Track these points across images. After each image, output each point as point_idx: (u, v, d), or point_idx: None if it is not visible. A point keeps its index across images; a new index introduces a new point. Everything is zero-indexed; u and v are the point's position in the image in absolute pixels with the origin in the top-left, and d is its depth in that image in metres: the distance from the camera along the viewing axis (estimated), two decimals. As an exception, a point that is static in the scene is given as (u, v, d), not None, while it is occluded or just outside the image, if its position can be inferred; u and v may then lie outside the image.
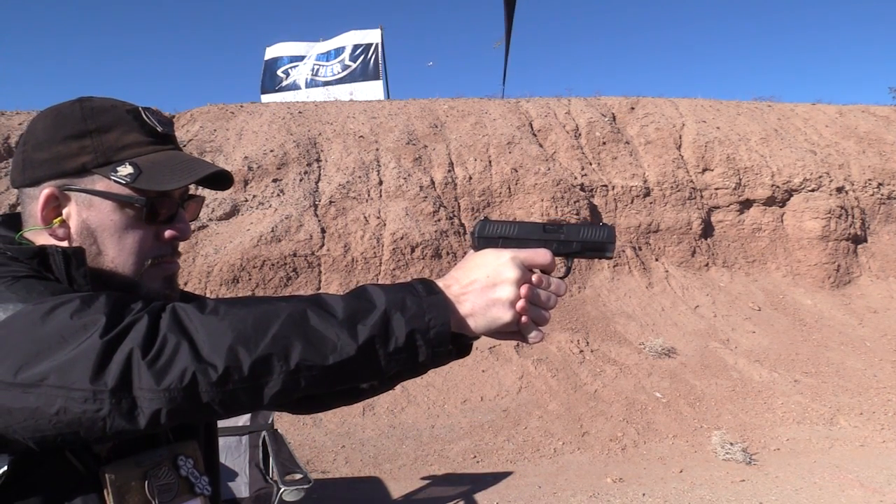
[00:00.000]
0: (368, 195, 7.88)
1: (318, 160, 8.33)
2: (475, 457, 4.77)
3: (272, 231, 7.00)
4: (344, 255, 7.11)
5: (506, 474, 4.52)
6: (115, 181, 0.75)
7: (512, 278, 0.71)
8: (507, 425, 5.25)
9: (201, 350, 0.58)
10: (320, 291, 0.81)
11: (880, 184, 9.70)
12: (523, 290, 0.73)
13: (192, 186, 0.83)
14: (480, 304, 0.71)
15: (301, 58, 12.88)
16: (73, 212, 0.76)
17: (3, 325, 0.60)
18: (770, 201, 9.24)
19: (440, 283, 0.72)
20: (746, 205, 9.27)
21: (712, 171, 9.36)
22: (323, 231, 7.29)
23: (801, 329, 7.59)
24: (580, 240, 0.80)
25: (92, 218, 0.76)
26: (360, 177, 8.06)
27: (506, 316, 0.71)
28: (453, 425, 5.18)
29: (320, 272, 6.99)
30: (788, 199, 9.34)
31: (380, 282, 6.46)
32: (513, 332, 0.75)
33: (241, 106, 9.57)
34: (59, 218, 0.76)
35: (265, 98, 12.09)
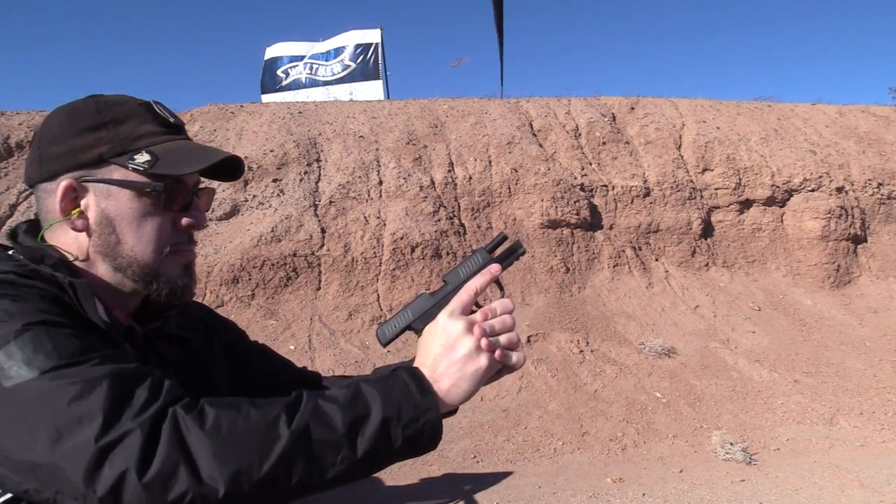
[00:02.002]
0: (368, 195, 7.88)
1: (318, 160, 8.33)
2: (475, 457, 4.77)
3: (272, 231, 7.00)
4: (344, 255, 7.11)
5: (506, 474, 4.52)
6: (132, 169, 0.77)
7: (461, 330, 0.75)
8: (507, 425, 5.25)
9: (202, 472, 0.59)
10: (320, 378, 0.81)
11: (880, 184, 9.70)
12: (477, 331, 0.76)
13: (202, 179, 0.88)
14: (454, 371, 0.74)
15: (301, 58, 12.87)
16: (91, 202, 0.78)
17: (5, 395, 0.59)
18: (770, 201, 9.24)
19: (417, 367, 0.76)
20: (746, 205, 9.27)
21: (712, 171, 9.36)
22: (323, 231, 7.29)
23: (801, 329, 7.59)
24: (465, 278, 0.81)
25: (110, 207, 0.78)
26: (360, 177, 8.06)
27: (482, 363, 0.75)
28: (453, 425, 5.18)
29: (320, 272, 6.99)
30: (788, 199, 9.34)
31: (380, 282, 6.43)
32: (498, 370, 0.80)
33: (241, 106, 9.56)
34: (77, 209, 0.78)
35: (265, 98, 12.09)
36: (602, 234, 8.43)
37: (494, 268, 0.81)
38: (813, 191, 9.30)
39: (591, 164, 9.22)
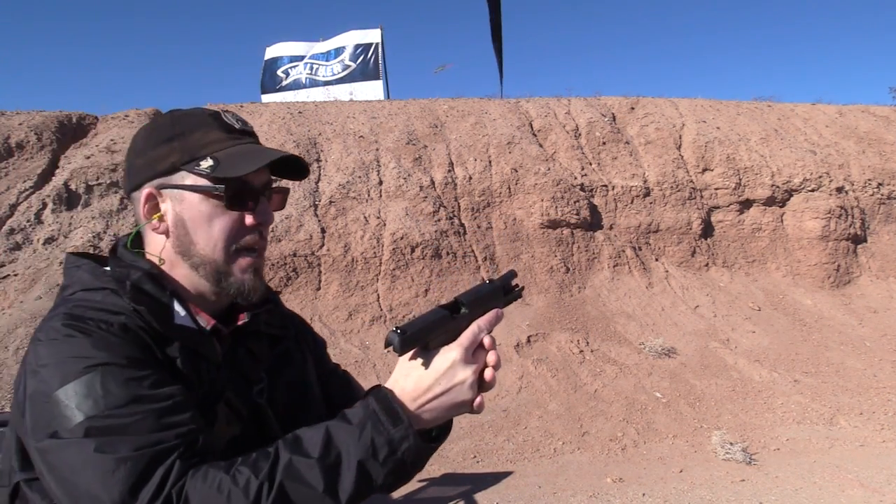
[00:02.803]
0: (368, 195, 7.88)
1: (318, 160, 8.33)
2: (475, 457, 4.77)
3: (272, 231, 7.00)
4: (344, 255, 7.11)
5: (506, 474, 4.52)
6: (198, 174, 0.84)
7: (468, 383, 0.76)
8: (507, 425, 5.25)
9: None
10: (299, 435, 0.79)
11: (880, 184, 9.70)
12: (480, 393, 0.78)
13: (274, 179, 0.93)
14: (441, 411, 0.76)
15: (301, 58, 12.87)
16: (168, 207, 0.86)
17: (58, 441, 0.70)
18: (770, 201, 9.24)
19: (397, 393, 0.75)
20: (746, 205, 9.27)
21: (712, 171, 9.36)
22: (323, 231, 7.29)
23: (801, 329, 7.59)
24: (482, 306, 0.81)
25: (184, 211, 0.86)
26: (360, 177, 8.06)
27: (465, 409, 0.78)
28: (453, 425, 5.17)
29: (320, 272, 6.99)
30: (788, 199, 9.34)
31: (380, 282, 6.41)
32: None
33: (241, 106, 9.57)
34: (157, 214, 0.86)
35: (265, 98, 12.09)
36: (602, 234, 8.43)
37: (501, 314, 0.81)
38: (813, 191, 9.30)
39: (591, 164, 9.22)
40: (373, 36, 12.59)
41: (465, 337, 0.76)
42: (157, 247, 0.88)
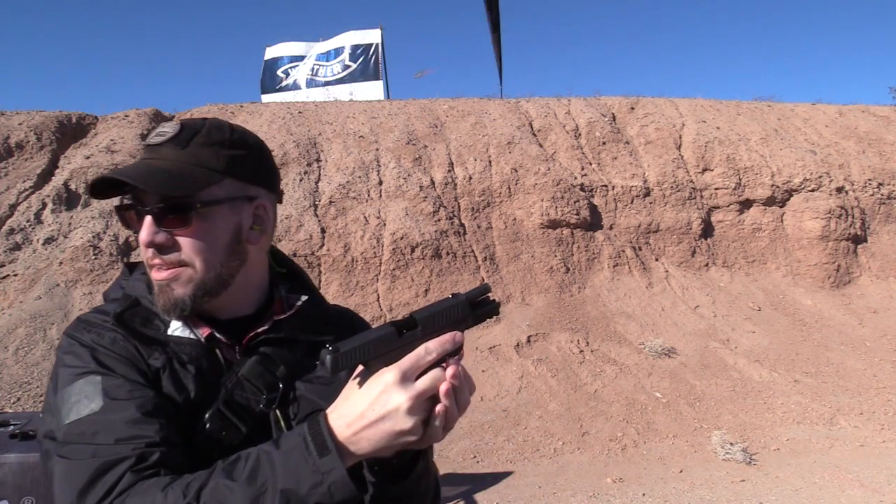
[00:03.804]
0: (368, 195, 7.88)
1: (318, 160, 8.33)
2: (475, 457, 4.77)
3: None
4: (344, 255, 7.11)
5: (506, 474, 4.52)
6: None
7: (405, 409, 0.67)
8: (507, 425, 5.25)
9: None
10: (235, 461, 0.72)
11: (880, 184, 9.70)
12: (420, 415, 0.68)
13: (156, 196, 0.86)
14: (378, 440, 0.68)
15: (301, 58, 12.87)
16: None
17: (46, 440, 0.76)
18: (770, 201, 9.24)
19: (332, 419, 0.70)
20: (746, 205, 9.27)
21: (712, 171, 9.36)
22: (323, 231, 7.29)
23: (801, 329, 7.59)
24: (440, 325, 0.72)
25: None
26: (360, 177, 8.06)
27: (412, 438, 0.69)
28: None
29: (320, 272, 6.99)
30: (788, 199, 9.34)
31: (380, 282, 6.40)
32: None
33: (241, 106, 9.57)
34: None
35: (265, 98, 12.09)
36: (602, 234, 8.43)
37: (459, 337, 0.72)
38: (813, 191, 9.30)
39: (591, 164, 9.22)
40: (372, 36, 12.59)
41: (406, 358, 0.69)
42: None
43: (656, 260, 8.54)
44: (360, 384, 0.69)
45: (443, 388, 0.70)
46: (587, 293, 7.67)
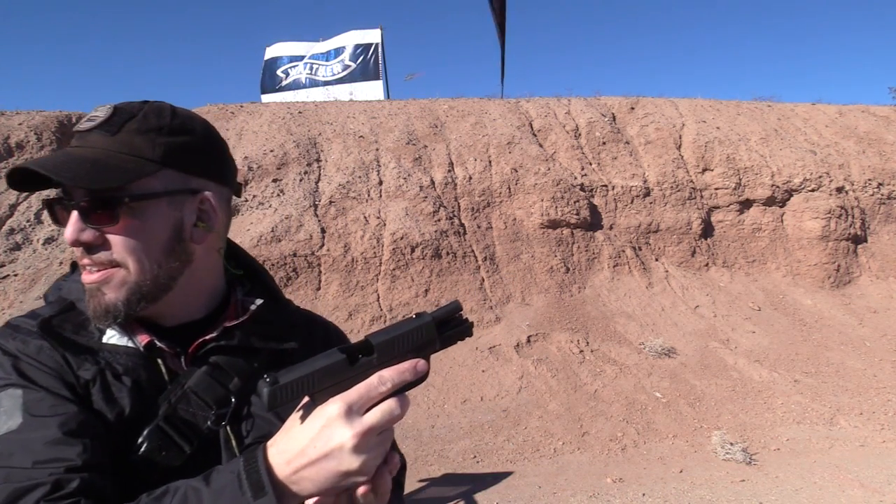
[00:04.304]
0: (368, 195, 7.88)
1: (318, 160, 8.32)
2: (475, 457, 4.77)
3: (272, 231, 7.00)
4: (344, 255, 7.11)
5: (506, 474, 4.52)
6: None
7: (350, 446, 0.59)
8: (507, 425, 5.25)
9: None
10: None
11: (880, 184, 9.70)
12: (370, 458, 0.61)
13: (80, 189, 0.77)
14: (325, 480, 0.60)
15: (301, 58, 12.87)
16: None
17: None
18: (770, 201, 9.24)
19: (271, 455, 0.62)
20: (746, 205, 9.27)
21: (712, 171, 9.36)
22: (323, 231, 7.29)
23: (801, 329, 7.59)
24: (401, 350, 0.63)
25: None
26: (360, 177, 8.05)
27: (362, 478, 0.61)
28: (453, 425, 5.17)
29: (320, 272, 6.99)
30: (788, 199, 9.34)
31: (380, 282, 6.39)
32: None
33: (241, 106, 9.56)
34: None
35: (265, 98, 12.09)
36: (602, 234, 8.43)
37: (422, 366, 0.64)
38: (813, 191, 9.30)
39: (591, 164, 9.22)
40: (372, 36, 12.59)
41: (355, 389, 0.60)
42: None
43: (656, 260, 8.54)
44: (303, 417, 0.61)
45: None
46: (587, 293, 7.67)
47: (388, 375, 0.61)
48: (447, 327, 0.67)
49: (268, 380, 0.58)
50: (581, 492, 4.24)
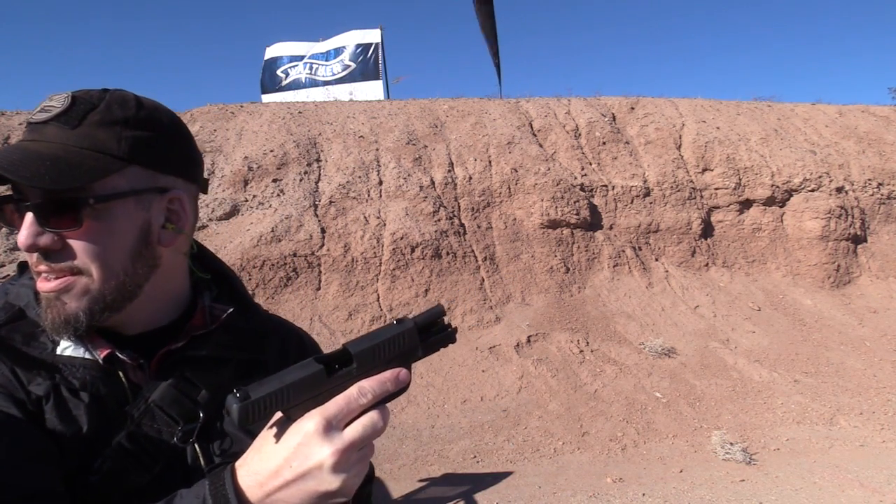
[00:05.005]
0: (368, 195, 7.88)
1: (318, 160, 8.32)
2: (475, 457, 4.77)
3: (272, 231, 7.00)
4: (344, 255, 7.11)
5: (506, 474, 4.52)
6: None
7: (329, 465, 0.54)
8: (507, 425, 5.25)
9: None
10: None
11: (880, 184, 9.70)
12: (351, 474, 0.56)
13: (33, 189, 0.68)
14: (301, 502, 0.56)
15: (301, 58, 12.87)
16: None
17: None
18: (770, 201, 9.24)
19: (241, 476, 0.57)
20: (746, 205, 9.27)
21: (712, 171, 9.36)
22: (323, 231, 7.29)
23: (800, 329, 7.59)
24: (382, 359, 0.60)
25: None
26: (360, 177, 8.06)
27: (343, 499, 0.57)
28: (453, 425, 5.18)
29: (320, 272, 6.99)
30: (788, 199, 9.34)
31: (380, 282, 6.39)
32: None
33: (241, 106, 9.56)
34: None
35: (265, 98, 12.09)
36: (602, 234, 8.43)
37: (404, 375, 0.60)
38: (813, 191, 9.30)
39: (591, 164, 9.22)
40: (372, 36, 12.59)
41: (334, 402, 0.56)
42: None
43: (656, 260, 8.54)
44: (277, 435, 0.56)
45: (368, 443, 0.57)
46: (587, 293, 7.67)
47: (368, 386, 0.57)
48: (430, 333, 0.63)
49: (238, 395, 0.53)
50: (581, 492, 4.24)
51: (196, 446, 0.73)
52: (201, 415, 0.73)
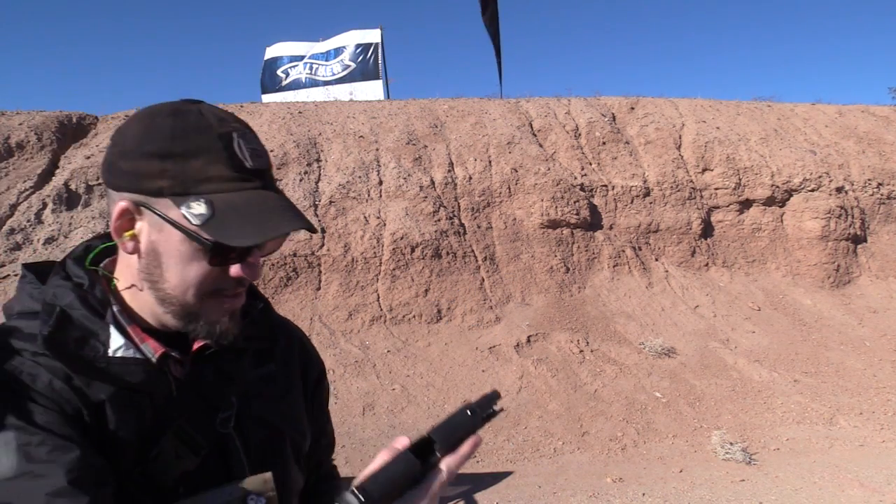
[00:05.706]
0: (368, 195, 7.88)
1: (318, 160, 8.33)
2: (475, 457, 4.77)
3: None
4: (344, 255, 7.11)
5: (506, 474, 4.52)
6: (186, 214, 0.70)
7: None
8: (507, 425, 5.26)
9: None
10: None
11: (880, 184, 9.70)
12: None
13: None
14: None
15: (301, 57, 12.87)
16: (144, 229, 0.74)
17: None
18: (770, 201, 9.24)
19: None
20: (746, 205, 9.28)
21: (712, 171, 9.36)
22: (323, 231, 7.29)
23: (800, 329, 7.59)
24: (458, 436, 0.72)
25: (161, 242, 0.73)
26: (360, 177, 8.06)
27: None
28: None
29: (320, 272, 6.99)
30: (788, 199, 9.34)
31: (380, 282, 6.38)
32: None
33: (241, 106, 9.57)
34: (130, 231, 0.75)
35: (265, 98, 12.09)
36: (602, 234, 8.43)
37: (479, 440, 0.73)
38: (813, 191, 9.30)
39: (591, 164, 9.22)
40: (372, 36, 12.59)
41: (436, 486, 0.69)
42: (123, 265, 0.79)
43: (656, 260, 8.54)
44: None
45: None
46: (587, 293, 7.67)
47: (454, 465, 0.71)
48: (487, 417, 0.76)
49: (360, 497, 0.62)
50: (581, 492, 4.24)
51: (233, 432, 0.81)
52: (234, 402, 0.81)
